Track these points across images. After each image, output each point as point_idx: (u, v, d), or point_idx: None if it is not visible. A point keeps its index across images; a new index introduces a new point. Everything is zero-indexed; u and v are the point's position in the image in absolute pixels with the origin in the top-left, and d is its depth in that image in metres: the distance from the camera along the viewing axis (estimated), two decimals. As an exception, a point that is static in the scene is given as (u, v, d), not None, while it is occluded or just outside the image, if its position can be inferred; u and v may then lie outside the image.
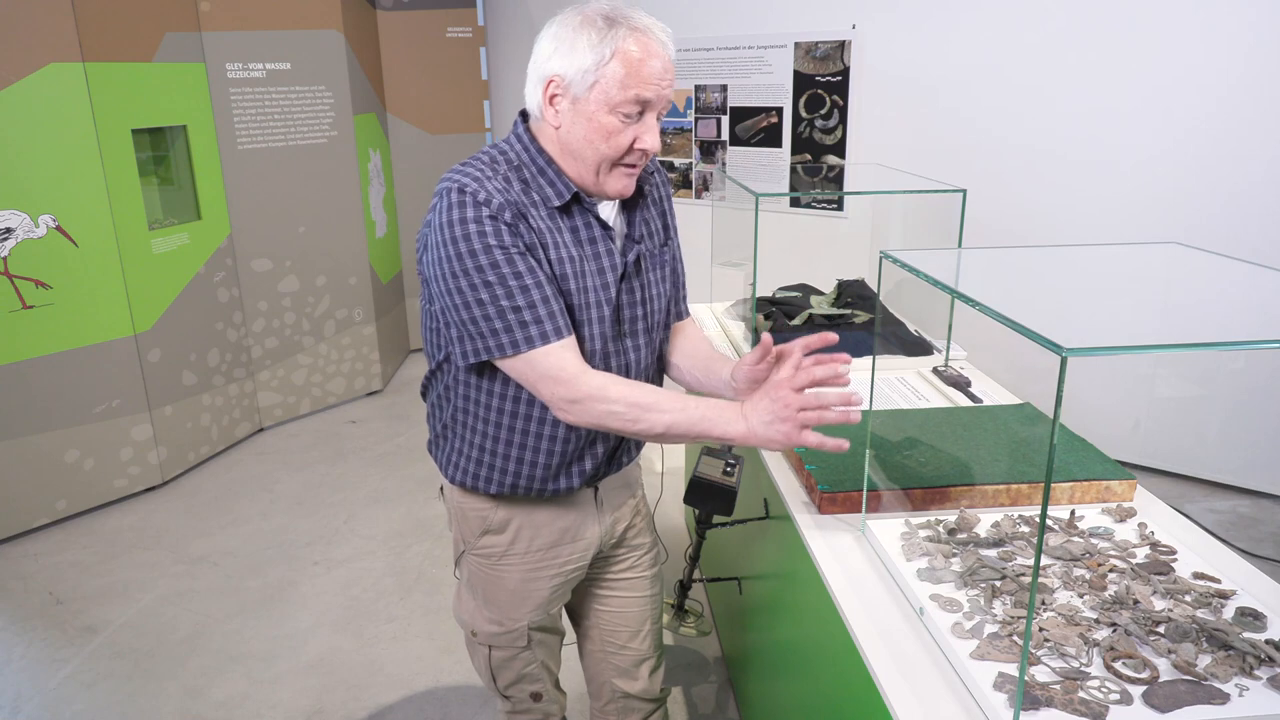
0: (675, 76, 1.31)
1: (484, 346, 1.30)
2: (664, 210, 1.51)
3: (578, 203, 1.34)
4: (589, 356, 1.35)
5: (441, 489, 1.58)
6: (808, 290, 2.64)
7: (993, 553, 1.32)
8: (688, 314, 1.62)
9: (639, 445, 1.57)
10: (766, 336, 1.32)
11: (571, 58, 1.25)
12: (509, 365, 1.31)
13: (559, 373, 1.27)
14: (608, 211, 1.39)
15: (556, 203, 1.31)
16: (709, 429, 1.28)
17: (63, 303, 3.22)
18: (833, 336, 1.28)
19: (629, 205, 1.42)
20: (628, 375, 1.42)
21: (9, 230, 3.05)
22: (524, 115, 1.38)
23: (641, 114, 1.28)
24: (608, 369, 1.39)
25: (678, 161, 4.80)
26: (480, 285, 1.26)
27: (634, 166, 1.33)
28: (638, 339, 1.43)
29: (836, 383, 1.25)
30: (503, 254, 1.25)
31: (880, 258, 1.31)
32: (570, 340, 1.30)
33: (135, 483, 3.56)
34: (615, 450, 1.49)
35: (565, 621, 1.72)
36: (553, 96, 1.29)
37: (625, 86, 1.24)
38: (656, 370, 1.54)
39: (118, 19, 3.28)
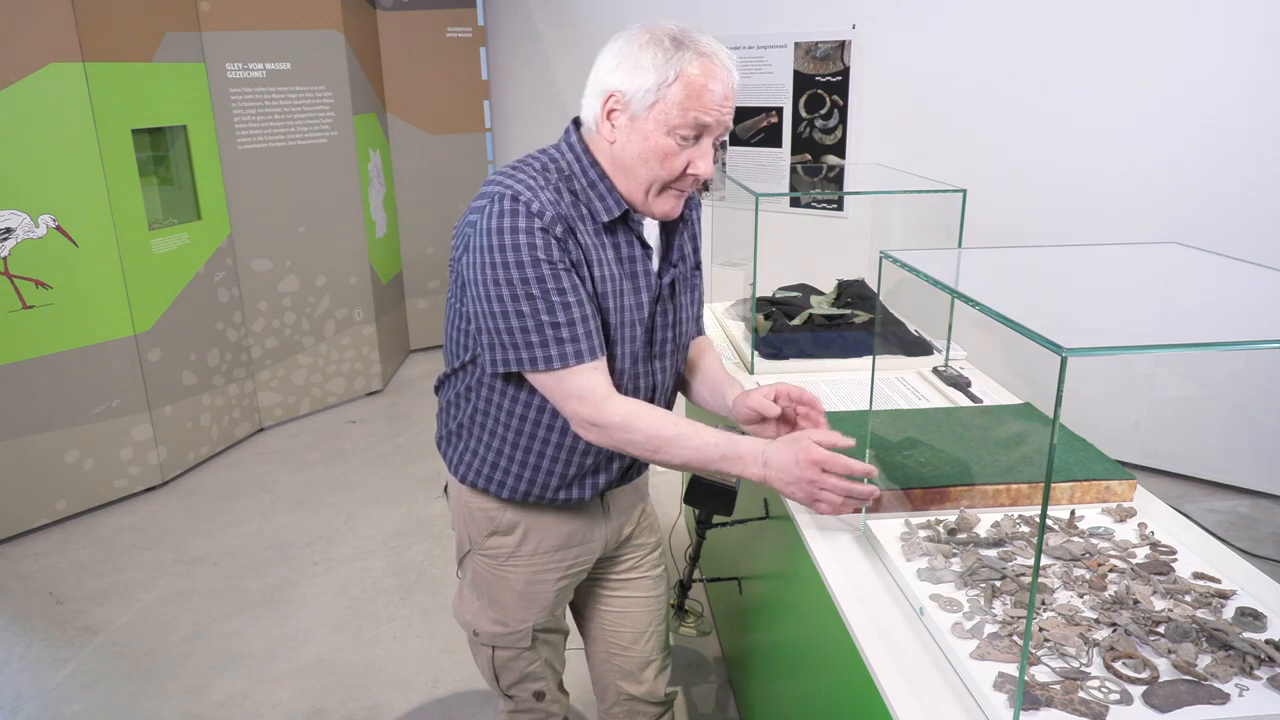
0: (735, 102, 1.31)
1: (515, 358, 1.29)
2: (695, 233, 1.51)
3: (624, 221, 1.33)
4: (618, 376, 1.35)
5: (446, 488, 1.58)
6: (808, 290, 2.64)
7: (993, 553, 1.32)
8: (703, 331, 1.62)
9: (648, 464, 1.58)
10: (781, 389, 1.39)
11: (634, 75, 1.24)
12: (537, 379, 1.31)
13: (587, 394, 1.28)
14: (649, 232, 1.39)
15: (605, 218, 1.30)
16: (727, 469, 1.31)
17: (63, 303, 3.22)
18: (849, 441, 1.31)
19: (668, 228, 1.42)
20: (654, 396, 1.43)
21: (9, 230, 3.05)
22: (576, 123, 1.36)
23: (698, 138, 1.27)
24: (636, 390, 1.40)
25: (678, 161, 4.79)
26: (522, 297, 1.24)
27: (684, 190, 1.32)
28: (665, 360, 1.44)
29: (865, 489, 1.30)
30: (549, 268, 1.24)
31: (880, 258, 1.31)
32: (602, 362, 1.30)
33: (135, 483, 3.56)
34: (629, 468, 1.49)
35: (570, 623, 1.72)
36: (610, 111, 1.28)
37: (685, 109, 1.23)
38: (675, 388, 1.56)
39: (118, 19, 3.28)
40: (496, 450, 1.42)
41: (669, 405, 1.52)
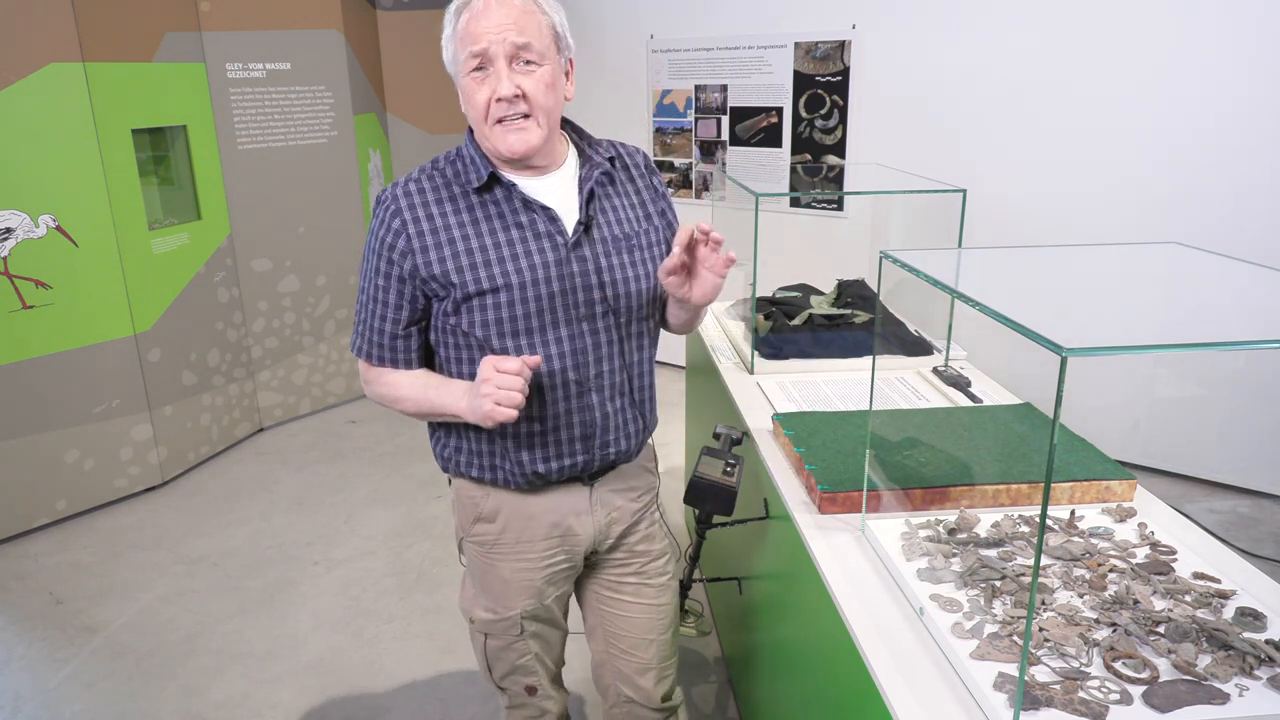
0: (537, 19, 1.32)
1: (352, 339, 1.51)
2: (643, 200, 1.49)
3: (499, 184, 1.38)
4: (526, 334, 1.38)
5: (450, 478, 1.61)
6: (808, 290, 2.64)
7: (993, 553, 1.32)
8: None
9: (630, 440, 1.53)
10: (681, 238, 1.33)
11: (444, 46, 1.38)
12: None
13: (364, 371, 1.52)
14: (550, 195, 1.40)
15: (475, 184, 1.37)
16: (443, 399, 1.41)
17: (63, 303, 3.22)
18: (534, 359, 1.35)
19: (582, 187, 1.42)
20: (582, 359, 1.42)
21: (9, 230, 3.05)
22: None
23: (484, 68, 1.32)
24: (562, 354, 1.40)
25: (678, 161, 4.80)
26: (361, 286, 1.46)
27: (506, 119, 1.33)
28: (597, 322, 1.42)
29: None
30: (376, 271, 1.40)
31: (880, 258, 1.31)
32: (377, 368, 1.47)
33: (135, 483, 3.56)
34: (589, 438, 1.46)
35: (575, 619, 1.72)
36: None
37: (461, 47, 1.33)
38: (642, 356, 1.51)
39: (118, 19, 3.28)
40: (456, 431, 1.49)
41: (625, 370, 1.47)
